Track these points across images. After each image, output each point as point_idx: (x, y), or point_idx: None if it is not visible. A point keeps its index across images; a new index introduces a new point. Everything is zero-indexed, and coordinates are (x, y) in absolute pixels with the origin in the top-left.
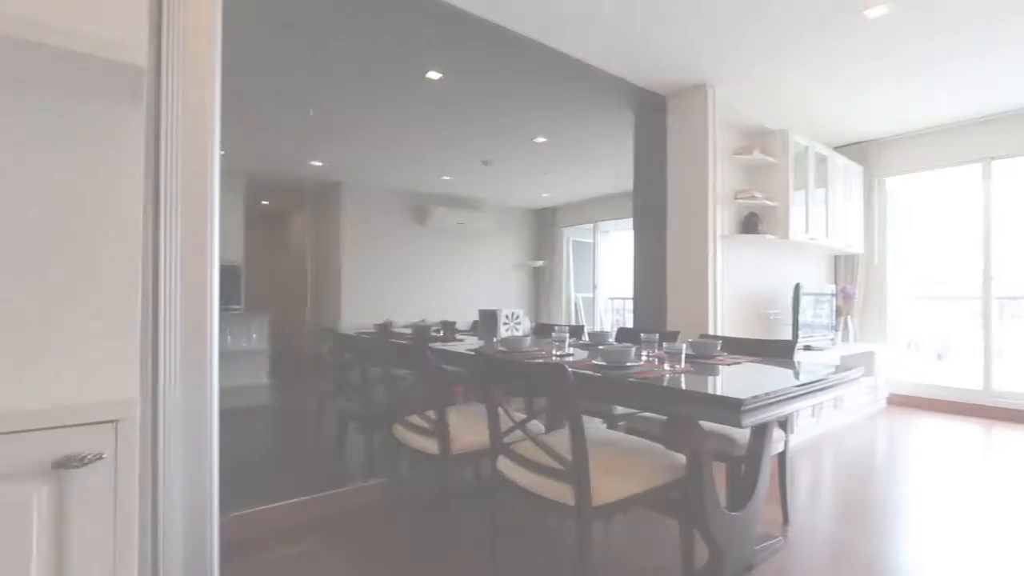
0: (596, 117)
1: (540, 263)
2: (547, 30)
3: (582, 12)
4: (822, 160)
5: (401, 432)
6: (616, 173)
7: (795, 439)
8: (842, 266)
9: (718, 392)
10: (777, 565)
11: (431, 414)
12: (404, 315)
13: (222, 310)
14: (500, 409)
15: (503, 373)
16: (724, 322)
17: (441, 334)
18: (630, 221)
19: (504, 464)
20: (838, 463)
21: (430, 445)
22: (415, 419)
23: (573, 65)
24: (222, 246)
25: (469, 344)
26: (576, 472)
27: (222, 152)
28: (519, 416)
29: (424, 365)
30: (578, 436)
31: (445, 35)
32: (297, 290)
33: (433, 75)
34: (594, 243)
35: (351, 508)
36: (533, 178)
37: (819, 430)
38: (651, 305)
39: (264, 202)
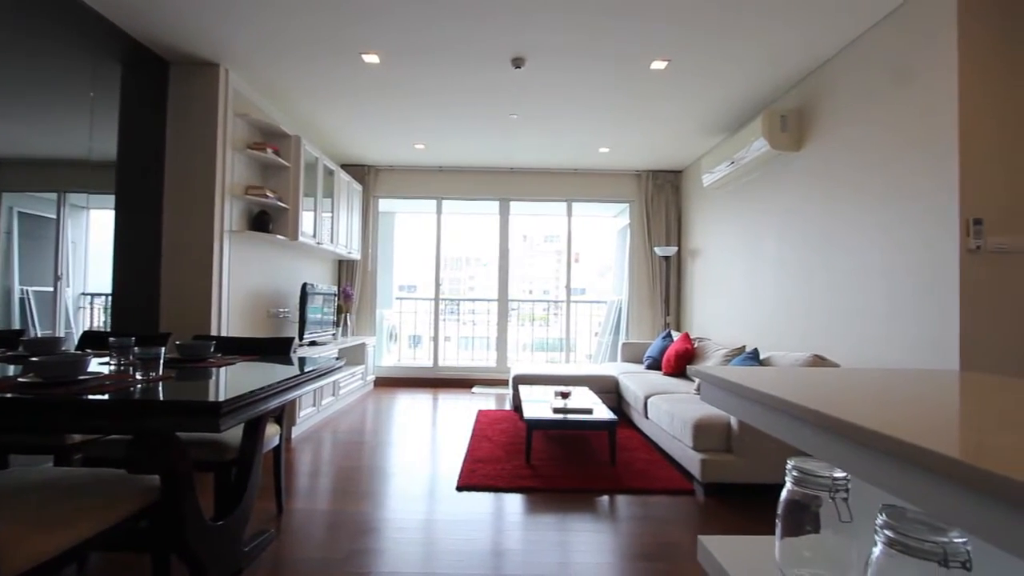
0: (55, 52)
1: None
2: None
3: None
4: (330, 173)
5: None
6: (92, 134)
7: (298, 429)
8: (344, 270)
9: (198, 398)
10: (269, 558)
11: None
12: None
13: None
14: None
15: None
16: (232, 322)
17: None
18: (113, 198)
19: None
20: (336, 443)
21: None
22: None
23: None
24: None
25: None
26: None
27: None
28: None
29: None
30: None
31: None
32: None
33: None
34: (60, 219)
35: None
36: None
37: (321, 417)
38: (139, 304)
39: None
